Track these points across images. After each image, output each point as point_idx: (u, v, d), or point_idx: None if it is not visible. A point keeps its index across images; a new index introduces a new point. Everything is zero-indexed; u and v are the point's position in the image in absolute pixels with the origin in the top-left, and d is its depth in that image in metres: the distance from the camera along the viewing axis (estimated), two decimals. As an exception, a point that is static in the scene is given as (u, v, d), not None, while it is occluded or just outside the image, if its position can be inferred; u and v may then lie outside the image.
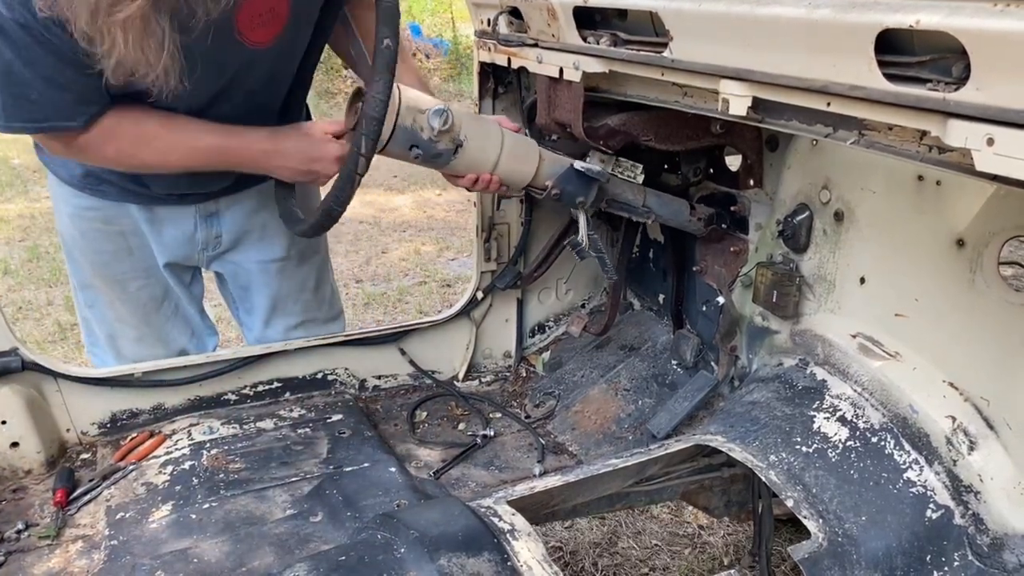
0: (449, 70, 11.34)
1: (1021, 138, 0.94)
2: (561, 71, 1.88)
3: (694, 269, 2.28)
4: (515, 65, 2.10)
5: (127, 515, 1.87)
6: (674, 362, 2.36)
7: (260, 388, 2.35)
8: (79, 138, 1.66)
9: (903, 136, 1.19)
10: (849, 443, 1.65)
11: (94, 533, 1.83)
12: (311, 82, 2.09)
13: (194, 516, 1.85)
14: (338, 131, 1.81)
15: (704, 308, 2.27)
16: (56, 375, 2.09)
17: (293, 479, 2.00)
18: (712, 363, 2.23)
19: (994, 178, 1.03)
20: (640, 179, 2.04)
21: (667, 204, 2.11)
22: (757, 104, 1.38)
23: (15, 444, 2.01)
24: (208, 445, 2.11)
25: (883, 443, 1.61)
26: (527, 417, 2.44)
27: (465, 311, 2.58)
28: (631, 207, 2.06)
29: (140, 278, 2.17)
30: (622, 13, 1.75)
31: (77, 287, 2.24)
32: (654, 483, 1.89)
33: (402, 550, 1.40)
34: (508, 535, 1.45)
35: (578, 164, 1.89)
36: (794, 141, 1.89)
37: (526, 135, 1.97)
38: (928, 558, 1.49)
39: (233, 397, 2.32)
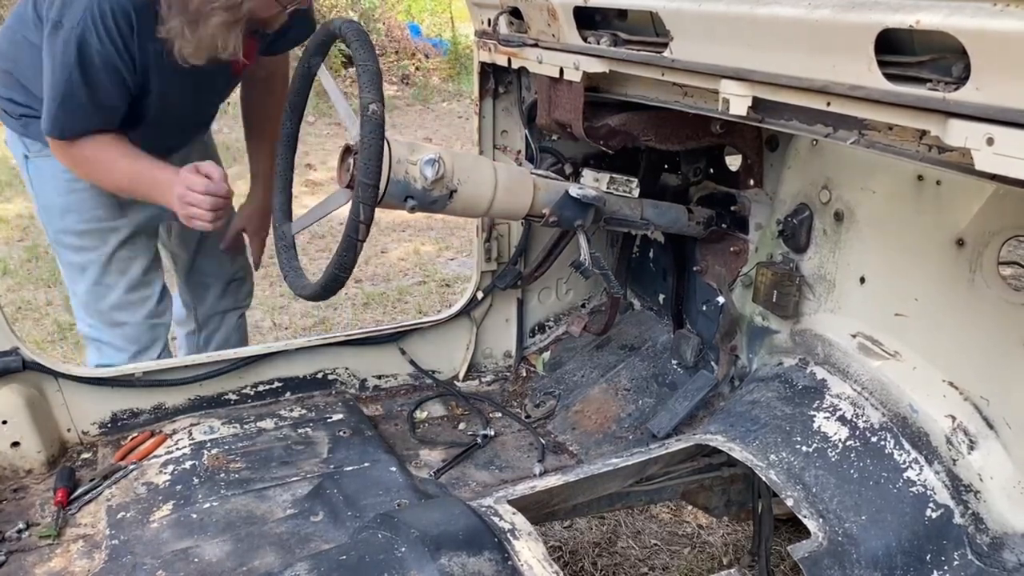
0: (448, 70, 11.33)
1: (1021, 138, 0.95)
2: (561, 71, 1.88)
3: (694, 269, 2.28)
4: (515, 65, 2.11)
5: (128, 515, 1.87)
6: (674, 362, 2.36)
7: (260, 388, 2.35)
8: (71, 147, 2.03)
9: (903, 136, 1.19)
10: (849, 442, 1.65)
11: (95, 533, 1.83)
12: None
13: (195, 516, 1.85)
14: (208, 172, 2.05)
15: (704, 308, 2.28)
16: (57, 375, 2.09)
17: (293, 479, 2.00)
18: (712, 363, 2.23)
19: (993, 177, 1.04)
20: (636, 193, 2.04)
21: (665, 212, 2.11)
22: (757, 104, 1.39)
23: (16, 444, 2.01)
24: (209, 445, 2.12)
25: (883, 442, 1.62)
26: (527, 417, 2.44)
27: (465, 311, 2.58)
28: (630, 222, 2.06)
29: (127, 235, 2.29)
30: (622, 13, 1.76)
31: (65, 257, 2.29)
32: (654, 483, 1.89)
33: (403, 549, 1.40)
34: (509, 535, 1.45)
35: (573, 190, 1.89)
36: (794, 141, 1.89)
37: (519, 164, 1.98)
38: (928, 557, 1.49)
39: (233, 397, 2.32)
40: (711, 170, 2.16)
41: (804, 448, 1.69)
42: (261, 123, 2.51)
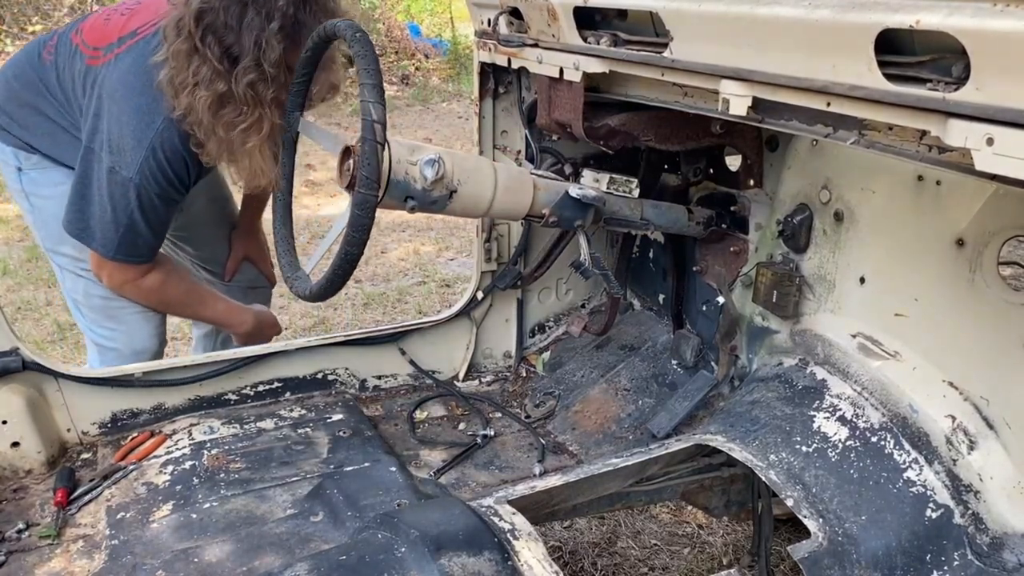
0: (448, 70, 11.34)
1: (1020, 138, 0.95)
2: (561, 71, 1.88)
3: (694, 269, 2.29)
4: (515, 65, 2.11)
5: (128, 515, 1.87)
6: (674, 362, 2.36)
7: (260, 388, 2.35)
8: (142, 279, 2.18)
9: (903, 136, 1.19)
10: (849, 443, 1.65)
11: (95, 533, 1.83)
12: None
13: (195, 516, 1.85)
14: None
15: (704, 308, 2.28)
16: (56, 375, 2.09)
17: (293, 479, 2.00)
18: (712, 363, 2.23)
19: (993, 177, 1.04)
20: (636, 193, 2.04)
21: (665, 213, 2.11)
22: (757, 104, 1.39)
23: (16, 444, 2.01)
24: (208, 445, 2.11)
25: (883, 442, 1.62)
26: (527, 417, 2.44)
27: (465, 311, 2.58)
28: (630, 222, 2.06)
29: None
30: (622, 13, 1.76)
31: (64, 266, 2.30)
32: (654, 483, 1.89)
33: (403, 550, 1.40)
34: (509, 535, 1.45)
35: (573, 190, 1.89)
36: (794, 141, 1.89)
37: (519, 164, 1.99)
38: (928, 557, 1.49)
39: (233, 397, 2.32)
40: (711, 170, 2.16)
41: (804, 448, 1.69)
42: None
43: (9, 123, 2.21)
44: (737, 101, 1.39)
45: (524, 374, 2.66)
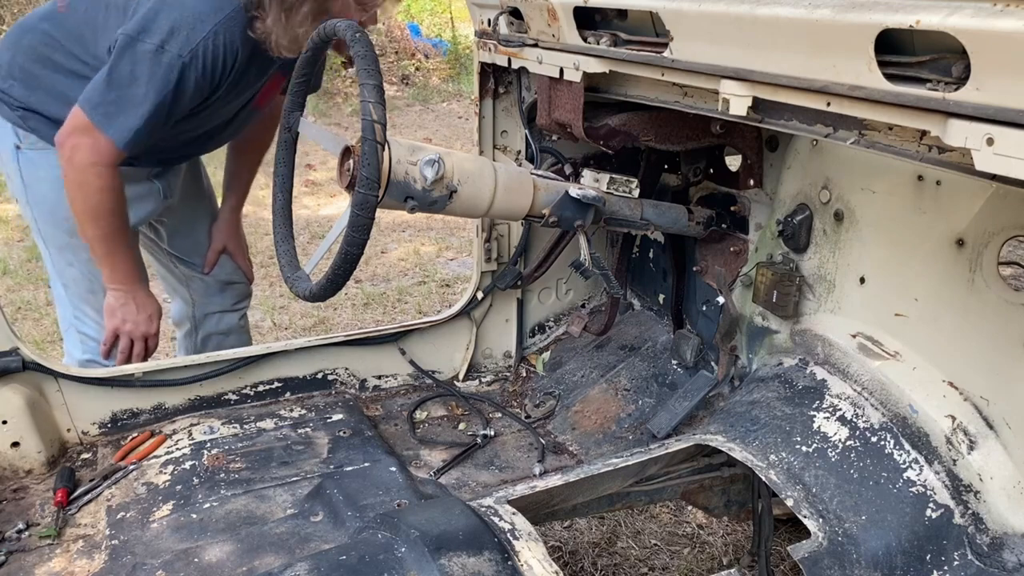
0: (448, 70, 11.34)
1: (1021, 138, 0.95)
2: (561, 71, 1.88)
3: (694, 269, 2.29)
4: (515, 65, 2.11)
5: (128, 515, 1.87)
6: (674, 362, 2.36)
7: (260, 388, 2.35)
8: (108, 166, 2.05)
9: (903, 136, 1.19)
10: (849, 443, 1.65)
11: (95, 533, 1.83)
12: None
13: (195, 516, 1.85)
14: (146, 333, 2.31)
15: (704, 308, 2.28)
16: (57, 375, 2.10)
17: (293, 479, 2.00)
18: (712, 363, 2.23)
19: (993, 177, 1.04)
20: (636, 193, 2.04)
21: (665, 213, 2.12)
22: (757, 104, 1.39)
23: (16, 444, 2.01)
24: (208, 445, 2.12)
25: (883, 442, 1.62)
26: (527, 417, 2.44)
27: (465, 311, 2.58)
28: (630, 222, 2.07)
29: None
30: (622, 13, 1.76)
31: (55, 251, 2.29)
32: (654, 483, 1.89)
33: (403, 550, 1.40)
34: (509, 535, 1.45)
35: (573, 191, 1.90)
36: (794, 141, 1.89)
37: (519, 164, 1.99)
38: (928, 557, 1.49)
39: (233, 397, 2.32)
40: (711, 170, 2.16)
41: (804, 448, 1.69)
42: (251, 151, 2.70)
43: (12, 86, 2.18)
44: (737, 101, 1.39)
45: (524, 374, 2.66)
